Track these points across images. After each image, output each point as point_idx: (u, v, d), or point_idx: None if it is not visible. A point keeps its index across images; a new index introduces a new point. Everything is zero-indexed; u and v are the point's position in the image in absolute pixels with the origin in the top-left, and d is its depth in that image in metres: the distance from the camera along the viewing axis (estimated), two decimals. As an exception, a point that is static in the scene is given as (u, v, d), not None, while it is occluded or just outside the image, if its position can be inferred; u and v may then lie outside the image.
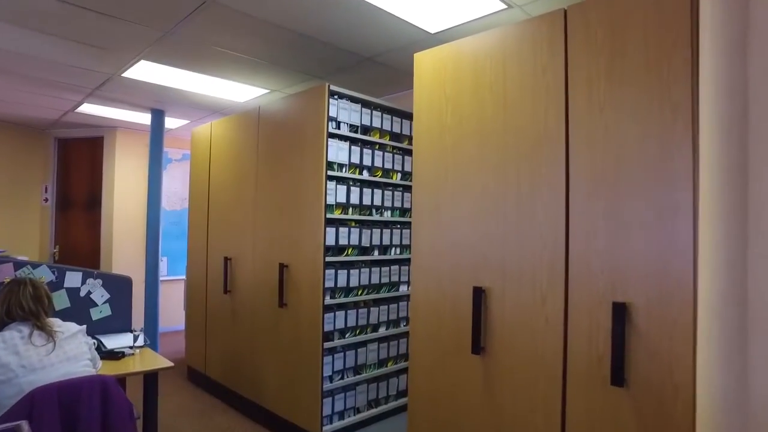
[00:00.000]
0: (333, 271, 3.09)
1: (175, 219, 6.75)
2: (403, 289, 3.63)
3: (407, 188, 3.68)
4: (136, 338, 2.78)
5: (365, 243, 3.31)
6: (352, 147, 3.24)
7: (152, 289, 5.27)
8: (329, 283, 3.06)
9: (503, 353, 2.00)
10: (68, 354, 1.88)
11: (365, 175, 3.35)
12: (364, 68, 3.69)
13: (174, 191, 6.76)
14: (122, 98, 4.77)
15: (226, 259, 3.87)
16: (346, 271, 3.18)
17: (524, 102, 1.97)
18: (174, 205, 6.78)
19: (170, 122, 5.83)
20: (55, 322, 1.98)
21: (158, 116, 5.31)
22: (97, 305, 2.97)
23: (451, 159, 2.22)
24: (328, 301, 3.06)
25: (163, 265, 6.55)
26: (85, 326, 2.09)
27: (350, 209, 3.23)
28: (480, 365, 2.07)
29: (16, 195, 6.30)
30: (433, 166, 2.30)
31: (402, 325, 3.62)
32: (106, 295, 3.01)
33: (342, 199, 3.16)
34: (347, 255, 3.22)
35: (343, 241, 3.16)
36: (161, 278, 6.54)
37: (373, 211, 3.41)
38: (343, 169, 3.21)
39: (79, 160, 6.48)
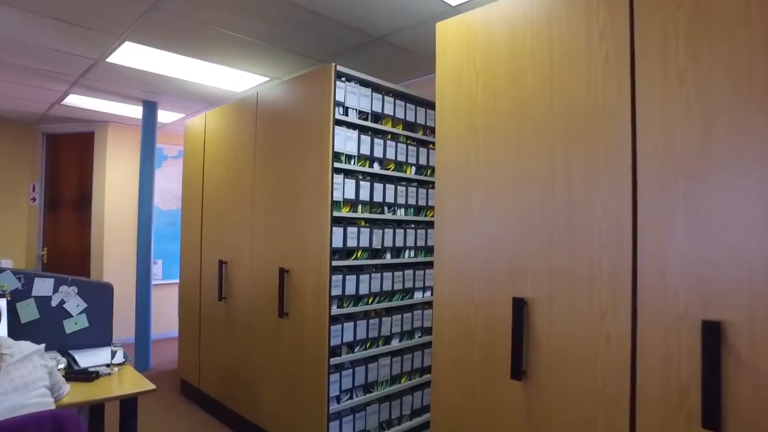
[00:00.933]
0: (340, 276, 2.73)
1: (170, 219, 6.39)
2: (418, 296, 3.26)
3: (423, 183, 3.31)
4: (114, 354, 2.42)
5: (376, 245, 2.95)
6: (362, 136, 2.87)
7: (144, 294, 4.91)
8: (336, 291, 2.70)
9: (551, 379, 1.63)
10: (16, 383, 1.52)
11: (376, 168, 2.98)
12: (375, 50, 3.33)
13: (170, 190, 6.40)
14: (110, 88, 4.42)
15: (221, 262, 3.50)
16: (355, 276, 2.81)
17: (575, 72, 1.60)
18: (169, 204, 6.42)
19: (164, 116, 5.48)
20: (3, 342, 1.62)
21: (150, 108, 4.95)
22: (71, 316, 2.61)
23: (484, 141, 1.85)
24: (334, 310, 2.70)
25: (157, 268, 6.20)
26: (43, 346, 1.73)
27: (359, 206, 2.87)
28: (521, 393, 1.70)
29: (2, 195, 5.96)
30: (460, 150, 1.94)
31: (417, 336, 3.25)
32: (83, 305, 2.65)
33: (350, 194, 2.80)
34: (356, 258, 2.85)
35: (351, 243, 2.79)
36: (155, 282, 6.19)
37: (385, 208, 3.05)
38: (352, 161, 2.84)
39: (69, 157, 6.14)
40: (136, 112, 5.28)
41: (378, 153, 2.98)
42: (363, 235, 2.86)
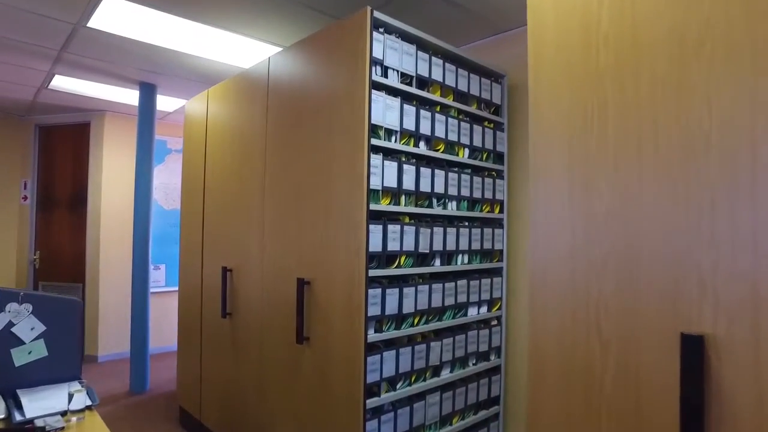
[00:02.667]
0: (379, 290, 2.05)
1: (175, 220, 5.78)
2: (472, 312, 2.57)
3: (477, 170, 2.63)
4: (71, 398, 1.77)
5: (423, 248, 2.26)
6: (405, 106, 2.19)
7: (140, 303, 4.28)
8: (374, 310, 2.02)
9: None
10: None
11: (422, 149, 2.30)
12: (420, 6, 2.65)
13: (174, 187, 5.79)
14: (99, 66, 3.80)
15: (225, 270, 2.84)
16: (397, 290, 2.13)
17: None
18: (174, 203, 5.81)
19: (165, 103, 4.86)
20: None
21: (148, 92, 4.33)
22: (23, 343, 1.96)
23: (612, 89, 1.17)
24: (372, 336, 2.02)
25: (159, 273, 5.58)
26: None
27: (402, 197, 2.19)
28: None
29: (-8, 192, 5.39)
30: (571, 107, 1.26)
31: (471, 364, 2.56)
32: (39, 328, 2.00)
33: (391, 182, 2.12)
34: (399, 266, 2.17)
35: (393, 246, 2.11)
36: (157, 289, 5.57)
37: (434, 201, 2.36)
38: (393, 138, 2.17)
39: (64, 151, 5.55)
40: (133, 98, 4.67)
41: (425, 129, 2.30)
42: (407, 235, 2.18)
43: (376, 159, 2.04)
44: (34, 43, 3.33)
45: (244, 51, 3.42)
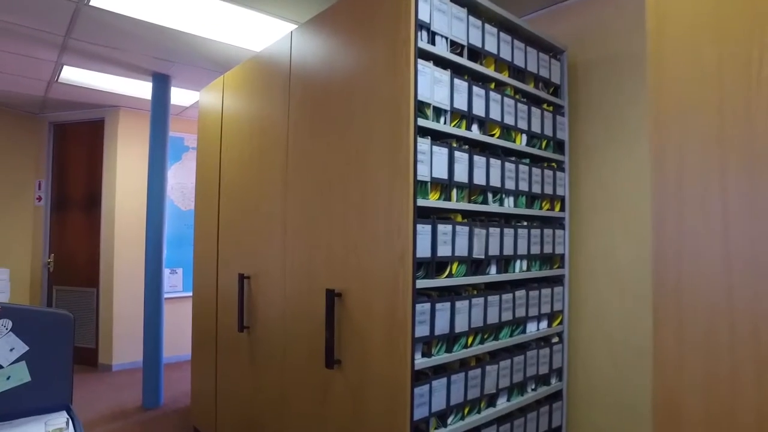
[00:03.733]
0: (428, 305, 1.67)
1: (192, 221, 5.49)
2: (531, 328, 2.17)
3: (536, 160, 2.23)
4: (51, 441, 1.43)
5: (478, 253, 1.87)
6: (456, 81, 1.81)
7: (153, 310, 3.98)
8: (421, 329, 1.64)
9: None
10: None
11: (475, 132, 1.91)
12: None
13: (192, 187, 5.50)
14: (108, 54, 3.51)
15: (242, 277, 2.49)
16: (448, 303, 1.74)
17: None
18: (191, 204, 5.52)
19: (181, 96, 4.57)
20: None
21: (162, 83, 4.03)
22: (0, 367, 1.64)
23: None
24: (420, 361, 1.64)
25: (177, 277, 5.29)
26: None
27: (454, 192, 1.81)
28: None
29: (6, 194, 5.18)
30: (720, 58, 0.87)
31: (530, 390, 2.16)
32: (21, 348, 1.68)
33: (441, 172, 1.74)
34: (450, 275, 1.78)
35: (444, 251, 1.73)
36: (174, 294, 5.29)
37: (489, 196, 1.97)
38: (442, 118, 1.79)
39: (78, 150, 5.31)
40: (147, 91, 4.38)
41: (478, 109, 1.91)
42: (459, 237, 1.79)
43: (424, 144, 1.67)
44: (37, 27, 3.05)
45: (262, 32, 3.08)
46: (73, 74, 4.01)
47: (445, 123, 1.78)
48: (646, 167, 2.14)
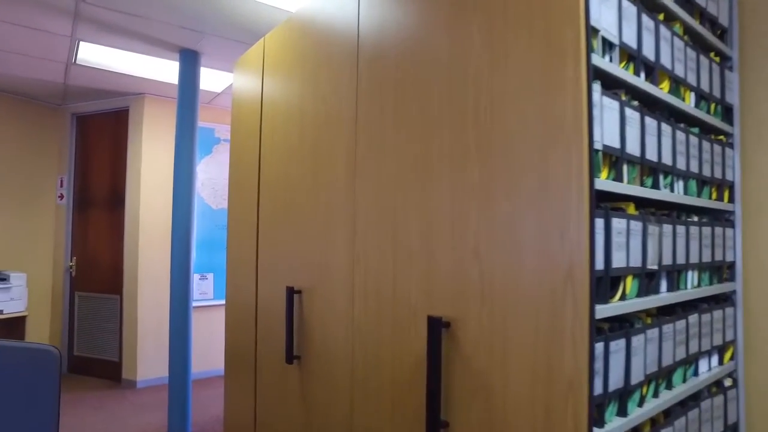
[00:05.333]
0: (601, 345, 1.06)
1: (225, 221, 4.99)
2: (702, 368, 1.53)
3: (705, 129, 1.60)
4: None
5: (652, 262, 1.25)
6: (623, 2, 1.20)
7: (179, 321, 3.47)
8: (598, 385, 1.03)
9: None
10: None
11: (641, 80, 1.28)
12: None
13: (224, 183, 5.01)
14: (127, 24, 3.01)
15: (291, 292, 1.92)
16: (623, 342, 1.13)
17: None
18: (223, 202, 5.02)
19: (212, 80, 4.06)
20: None
21: (190, 61, 3.52)
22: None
23: None
24: (590, 437, 1.03)
25: (207, 284, 4.79)
26: None
27: (624, 168, 1.19)
28: None
29: (26, 191, 4.77)
30: None
31: (701, 456, 1.51)
32: (-18, 404, 1.14)
33: (612, 138, 1.12)
34: (624, 296, 1.17)
35: (618, 260, 1.11)
36: (204, 303, 4.78)
37: (660, 178, 1.34)
38: (608, 56, 1.17)
39: (101, 143, 4.88)
40: (174, 74, 3.90)
41: (647, 48, 1.29)
42: (633, 237, 1.17)
43: (595, 92, 1.05)
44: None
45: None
46: (90, 53, 3.54)
47: (612, 62, 1.17)
48: None
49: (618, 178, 1.15)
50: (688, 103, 1.48)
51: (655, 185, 1.31)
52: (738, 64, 1.72)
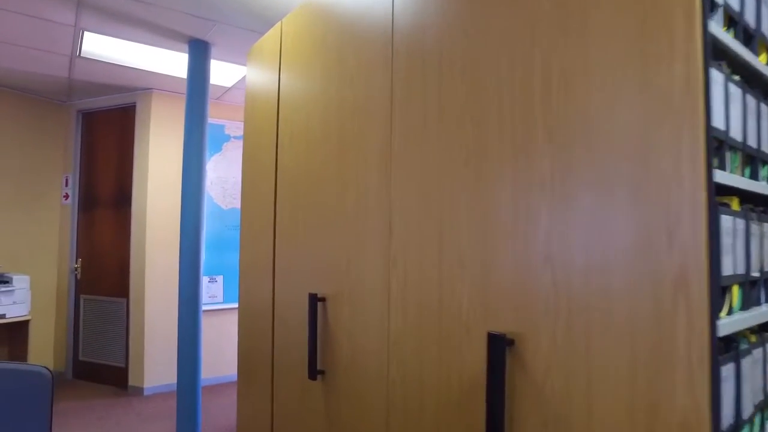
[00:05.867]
0: (731, 366, 0.86)
1: (235, 221, 4.82)
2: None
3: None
4: None
5: (754, 268, 1.05)
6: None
7: (188, 325, 3.29)
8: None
9: None
10: None
11: (748, 51, 1.08)
12: None
13: (234, 181, 4.84)
14: (132, 11, 2.84)
15: (314, 299, 1.72)
16: (731, 366, 0.92)
17: None
18: (233, 201, 4.85)
19: (222, 73, 3.89)
20: None
21: (199, 52, 3.34)
22: None
23: None
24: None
25: (216, 286, 4.62)
26: None
27: (727, 155, 0.98)
28: None
29: (30, 191, 4.62)
30: None
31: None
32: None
33: (717, 119, 0.92)
34: (731, 311, 0.97)
35: (727, 267, 0.91)
36: (213, 306, 4.61)
37: (759, 167, 1.14)
38: (712, 17, 0.97)
39: (108, 141, 4.72)
40: (183, 68, 3.73)
41: (748, 14, 1.09)
42: (738, 239, 0.97)
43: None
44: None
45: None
46: (95, 45, 3.37)
47: (715, 26, 0.97)
48: None
49: (722, 166, 0.95)
50: (779, 81, 1.28)
51: (754, 176, 1.11)
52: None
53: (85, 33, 3.19)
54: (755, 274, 1.05)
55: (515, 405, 1.03)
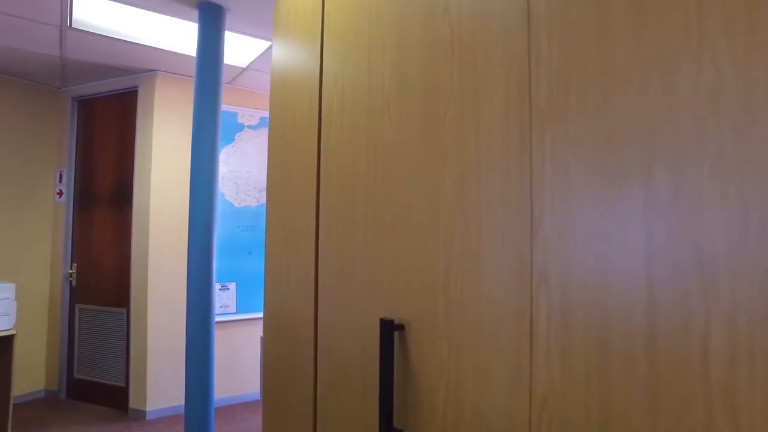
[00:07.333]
0: None
1: (249, 221, 4.31)
2: None
3: None
4: None
5: None
6: None
7: (199, 339, 2.79)
8: None
9: None
10: None
11: None
12: None
13: (247, 176, 4.33)
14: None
15: (389, 326, 1.19)
16: None
17: None
18: (247, 199, 4.34)
19: (236, 50, 3.38)
20: None
21: (211, 18, 2.84)
22: None
23: None
24: None
25: (228, 295, 4.11)
26: None
27: None
28: None
29: (19, 187, 4.13)
30: None
31: None
32: None
33: None
34: None
35: None
36: (225, 317, 4.11)
37: None
38: None
39: (107, 131, 4.23)
40: (191, 44, 3.22)
41: None
42: None
43: None
44: None
45: None
46: (88, 13, 2.87)
47: None
48: None
49: None
50: None
51: None
52: None
53: (76, -4, 2.70)
54: None
55: None
